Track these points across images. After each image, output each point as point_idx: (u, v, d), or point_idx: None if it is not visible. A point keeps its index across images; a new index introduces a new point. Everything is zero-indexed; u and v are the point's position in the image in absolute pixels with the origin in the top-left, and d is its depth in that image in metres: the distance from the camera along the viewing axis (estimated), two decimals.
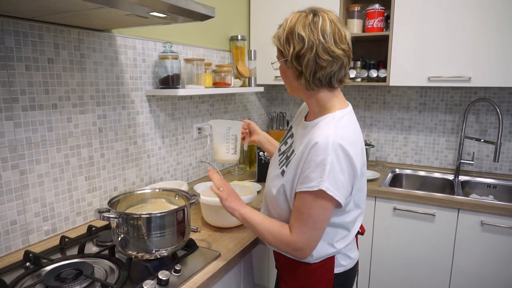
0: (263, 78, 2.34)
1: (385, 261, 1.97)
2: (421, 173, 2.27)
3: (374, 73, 2.13)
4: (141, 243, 1.02)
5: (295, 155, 0.99)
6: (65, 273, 1.00)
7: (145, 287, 0.92)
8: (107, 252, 1.13)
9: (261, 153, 1.96)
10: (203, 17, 1.14)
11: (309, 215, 0.94)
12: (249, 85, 2.13)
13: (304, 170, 0.93)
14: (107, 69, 1.42)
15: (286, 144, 1.13)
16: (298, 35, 0.93)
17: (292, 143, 1.08)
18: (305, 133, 1.01)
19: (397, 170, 2.31)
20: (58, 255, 1.15)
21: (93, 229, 1.31)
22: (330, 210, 0.94)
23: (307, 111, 1.10)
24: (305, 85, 0.97)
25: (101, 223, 1.35)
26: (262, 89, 2.17)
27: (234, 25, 2.22)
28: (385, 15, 2.09)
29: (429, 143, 2.34)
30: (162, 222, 1.03)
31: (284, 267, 1.13)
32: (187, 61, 1.65)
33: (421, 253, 1.88)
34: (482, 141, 2.04)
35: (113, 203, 1.10)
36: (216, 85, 1.86)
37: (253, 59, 2.11)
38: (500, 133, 1.90)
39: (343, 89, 0.98)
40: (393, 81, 2.04)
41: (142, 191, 1.23)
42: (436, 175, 2.22)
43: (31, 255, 1.09)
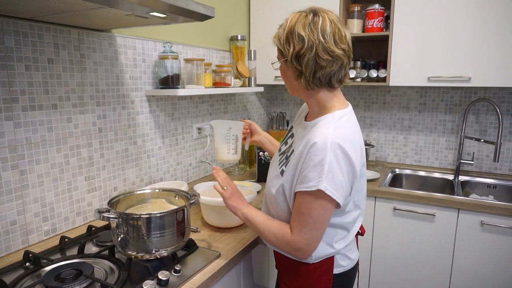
0: (263, 78, 2.34)
1: (385, 261, 1.97)
2: (421, 173, 2.27)
3: (374, 73, 2.13)
4: (141, 243, 1.02)
5: (294, 155, 0.99)
6: (65, 273, 1.00)
7: (145, 287, 0.92)
8: (107, 252, 1.13)
9: (261, 153, 1.96)
10: (203, 17, 1.14)
11: (309, 215, 0.93)
12: (249, 85, 2.13)
13: (303, 170, 0.93)
14: (107, 69, 1.42)
15: (286, 144, 1.13)
16: (298, 35, 0.93)
17: (292, 143, 1.08)
18: (305, 133, 1.01)
19: (397, 170, 2.31)
20: (58, 255, 1.15)
21: (93, 229, 1.30)
22: (330, 210, 0.94)
23: (308, 111, 1.10)
24: (305, 85, 0.97)
25: (101, 223, 1.35)
26: (262, 89, 2.17)
27: (234, 25, 2.22)
28: (385, 15, 2.09)
29: (429, 143, 2.34)
30: (162, 222, 1.03)
31: (283, 267, 1.13)
32: (187, 61, 1.65)
33: (421, 253, 1.88)
34: (482, 141, 2.04)
35: (113, 203, 1.10)
36: (216, 85, 1.86)
37: (253, 59, 2.11)
38: (500, 133, 1.90)
39: (343, 89, 0.99)
40: (393, 81, 2.04)
41: (142, 191, 1.23)
42: (436, 175, 2.22)
43: (31, 255, 1.09)
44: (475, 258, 1.76)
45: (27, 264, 1.09)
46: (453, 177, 2.17)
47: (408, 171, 2.30)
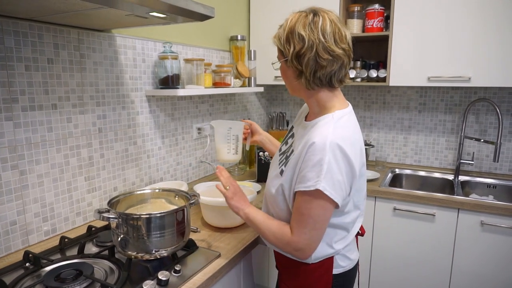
0: (263, 78, 2.34)
1: (385, 261, 1.97)
2: (421, 173, 2.27)
3: (374, 73, 2.13)
4: (141, 243, 1.02)
5: (294, 155, 0.99)
6: (65, 273, 1.00)
7: (145, 287, 0.92)
8: (107, 252, 1.13)
9: (261, 153, 1.96)
10: (203, 17, 1.13)
11: (308, 215, 0.94)
12: (249, 85, 2.13)
13: (301, 169, 0.93)
14: (106, 69, 1.42)
15: (286, 144, 1.13)
16: (298, 35, 0.93)
17: (292, 143, 1.08)
18: (305, 133, 1.01)
19: (397, 170, 2.31)
20: (58, 256, 1.15)
21: (93, 229, 1.30)
22: (329, 210, 0.94)
23: (308, 112, 1.10)
24: (306, 85, 0.97)
25: (101, 224, 1.35)
26: (262, 89, 2.17)
27: (234, 25, 2.22)
28: (385, 15, 2.09)
29: (429, 143, 2.34)
30: (161, 222, 1.03)
31: (283, 267, 1.13)
32: (187, 61, 1.65)
33: (421, 253, 1.88)
34: (482, 141, 2.04)
35: (112, 204, 1.10)
36: (216, 85, 1.86)
37: (253, 59, 2.11)
38: (500, 133, 1.90)
39: (343, 89, 0.99)
40: (393, 81, 2.04)
41: (142, 192, 1.23)
42: (436, 175, 2.22)
43: (31, 255, 1.09)
44: (475, 258, 1.76)
45: (27, 264, 1.08)
46: (453, 177, 2.17)
47: (408, 171, 2.30)
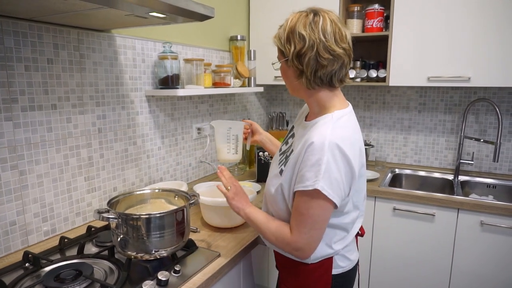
0: (263, 78, 2.34)
1: (385, 261, 1.97)
2: (421, 173, 2.27)
3: (373, 73, 2.13)
4: (141, 243, 1.02)
5: (293, 155, 1.00)
6: (64, 273, 1.00)
7: (145, 287, 0.92)
8: (106, 252, 1.13)
9: (261, 153, 1.96)
10: (203, 17, 1.13)
11: (308, 215, 0.94)
12: (249, 85, 2.13)
13: (300, 169, 0.94)
14: (106, 69, 1.42)
15: (287, 144, 1.13)
16: (299, 34, 0.93)
17: (292, 143, 1.08)
18: (304, 133, 1.01)
19: (396, 170, 2.31)
20: (57, 256, 1.15)
21: (93, 229, 1.30)
22: (328, 209, 0.94)
23: (308, 112, 1.10)
24: (306, 84, 0.97)
25: (100, 224, 1.35)
26: (261, 89, 2.17)
27: (233, 25, 2.22)
28: (385, 15, 2.09)
29: (428, 143, 2.34)
30: (161, 222, 1.02)
31: (283, 267, 1.13)
32: (187, 61, 1.65)
33: (420, 253, 1.88)
34: (481, 141, 2.04)
35: (112, 204, 1.10)
36: (215, 85, 1.86)
37: (252, 59, 2.11)
38: (499, 133, 1.90)
39: (343, 89, 0.99)
40: (393, 81, 2.04)
41: (141, 192, 1.23)
42: (435, 175, 2.22)
43: (30, 255, 1.09)
44: (475, 258, 1.76)
45: (27, 264, 1.08)
46: (452, 177, 2.17)
47: (408, 171, 2.30)
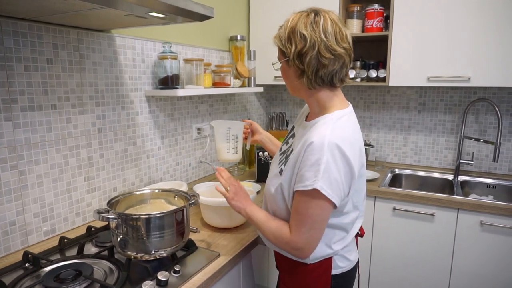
0: (263, 78, 2.33)
1: (384, 261, 1.97)
2: (421, 173, 2.27)
3: (373, 73, 2.13)
4: (140, 243, 1.02)
5: (293, 154, 1.00)
6: (64, 273, 1.00)
7: (145, 287, 0.92)
8: (106, 252, 1.13)
9: (261, 153, 1.96)
10: (202, 18, 1.13)
11: (307, 215, 0.94)
12: (249, 85, 2.13)
13: (300, 169, 0.94)
14: (106, 69, 1.42)
15: (287, 144, 1.13)
16: (300, 34, 0.93)
17: (292, 143, 1.08)
18: (304, 132, 1.01)
19: (396, 170, 2.31)
20: (57, 256, 1.15)
21: (93, 229, 1.30)
22: (327, 209, 0.94)
23: (309, 112, 1.10)
24: (307, 84, 0.97)
25: (100, 224, 1.35)
26: (261, 89, 2.17)
27: (233, 25, 2.22)
28: (385, 15, 2.09)
29: (428, 143, 2.34)
30: (161, 222, 1.02)
31: (282, 267, 1.14)
32: (187, 61, 1.65)
33: (420, 253, 1.88)
34: (481, 141, 2.04)
35: (112, 204, 1.10)
36: (215, 85, 1.86)
37: (252, 59, 2.11)
38: (499, 133, 1.90)
39: (343, 89, 0.99)
40: (393, 81, 2.04)
41: (141, 192, 1.23)
42: (435, 175, 2.22)
43: (30, 256, 1.08)
44: (475, 258, 1.76)
45: (27, 264, 1.08)
46: (452, 177, 2.17)
47: (407, 171, 2.30)
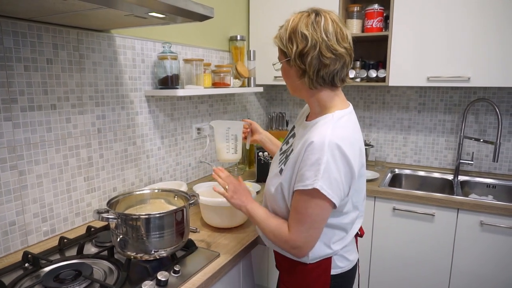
0: (263, 78, 2.33)
1: (384, 261, 1.97)
2: (421, 173, 2.27)
3: (373, 73, 2.13)
4: (140, 243, 1.02)
5: (293, 154, 1.00)
6: (64, 274, 1.00)
7: (144, 287, 0.92)
8: (106, 252, 1.13)
9: (261, 153, 1.96)
10: (202, 18, 1.13)
11: (306, 214, 0.94)
12: (249, 85, 2.13)
13: (300, 168, 0.94)
14: (106, 69, 1.42)
15: (287, 143, 1.13)
16: (301, 34, 0.93)
17: (293, 143, 1.08)
18: (305, 132, 1.02)
19: (396, 170, 2.31)
20: (57, 256, 1.15)
21: (92, 229, 1.30)
22: (327, 209, 0.94)
23: (309, 111, 1.10)
24: (308, 84, 0.97)
25: (100, 224, 1.35)
26: (261, 89, 2.17)
27: (233, 25, 2.22)
28: (384, 15, 2.09)
29: (428, 143, 2.34)
30: (161, 222, 1.02)
31: (282, 267, 1.14)
32: (186, 61, 1.65)
33: (420, 253, 1.88)
34: (481, 141, 2.04)
35: (112, 204, 1.10)
36: (215, 85, 1.86)
37: (252, 59, 2.11)
38: (499, 133, 1.90)
39: (343, 89, 0.99)
40: (393, 81, 2.04)
41: (141, 192, 1.23)
42: (435, 175, 2.22)
43: (30, 256, 1.08)
44: (475, 258, 1.76)
45: (26, 264, 1.08)
46: (452, 177, 2.17)
47: (407, 171, 2.30)
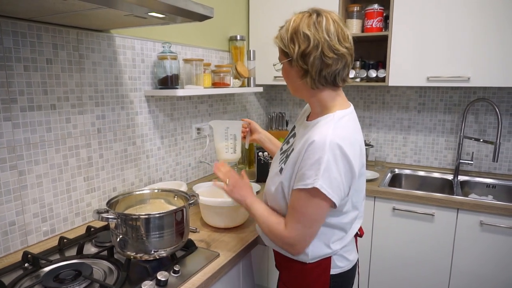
0: (262, 78, 2.33)
1: (384, 261, 1.97)
2: (420, 173, 2.27)
3: (373, 73, 2.13)
4: (140, 243, 1.02)
5: (293, 153, 1.00)
6: (64, 274, 1.00)
7: (144, 287, 0.92)
8: (106, 252, 1.13)
9: (261, 153, 1.96)
10: (202, 18, 1.13)
11: (303, 213, 0.94)
12: (248, 85, 2.13)
13: (300, 167, 0.94)
14: (106, 69, 1.42)
15: (288, 143, 1.13)
16: (303, 34, 0.93)
17: (293, 143, 1.08)
18: (305, 132, 1.02)
19: (396, 170, 2.31)
20: (56, 256, 1.15)
21: (92, 229, 1.30)
22: (324, 208, 0.94)
23: (310, 111, 1.10)
24: (311, 84, 0.98)
25: (100, 224, 1.35)
26: (261, 89, 2.17)
27: (233, 25, 2.22)
28: (384, 15, 2.09)
29: (428, 143, 2.34)
30: (161, 222, 1.02)
31: (281, 266, 1.14)
32: (186, 61, 1.65)
33: (420, 253, 1.88)
34: (481, 141, 2.04)
35: (112, 204, 1.10)
36: (215, 85, 1.86)
37: (252, 59, 2.11)
38: (499, 133, 1.90)
39: (342, 89, 1.00)
40: (392, 81, 2.04)
41: (141, 192, 1.23)
42: (435, 175, 2.22)
43: (29, 256, 1.08)
44: (475, 258, 1.76)
45: (26, 264, 1.08)
46: (452, 177, 2.17)
47: (407, 171, 2.30)
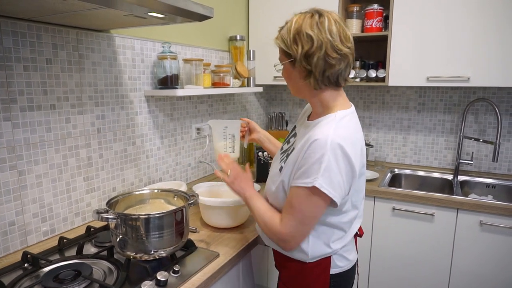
0: (262, 78, 2.33)
1: (384, 261, 1.97)
2: (420, 173, 2.27)
3: (373, 73, 2.13)
4: (140, 243, 1.02)
5: (294, 152, 1.00)
6: (63, 274, 1.00)
7: (144, 287, 0.93)
8: (105, 253, 1.13)
9: (260, 153, 1.96)
10: (202, 18, 1.13)
11: (299, 210, 0.94)
12: (248, 85, 2.13)
13: (301, 166, 0.94)
14: (105, 69, 1.42)
15: (288, 143, 1.13)
16: (306, 35, 0.93)
17: (294, 142, 1.08)
18: (306, 132, 1.02)
19: (396, 170, 2.31)
20: (56, 256, 1.15)
21: (92, 230, 1.30)
22: (322, 207, 0.94)
23: (311, 111, 1.11)
24: (314, 85, 0.98)
25: (99, 224, 1.35)
26: (261, 89, 2.17)
27: (233, 25, 2.22)
28: (384, 15, 2.09)
29: (428, 143, 2.34)
30: (160, 222, 1.02)
31: (281, 266, 1.14)
32: (186, 61, 1.65)
33: (420, 253, 1.88)
34: (481, 141, 2.04)
35: (111, 204, 1.10)
36: (215, 85, 1.86)
37: (252, 59, 2.11)
38: (499, 133, 1.90)
39: (343, 89, 1.01)
40: (392, 81, 2.04)
41: (140, 192, 1.23)
42: (435, 175, 2.22)
43: (29, 256, 1.08)
44: (474, 258, 1.76)
45: (26, 265, 1.08)
46: (452, 177, 2.17)
47: (407, 171, 2.30)
